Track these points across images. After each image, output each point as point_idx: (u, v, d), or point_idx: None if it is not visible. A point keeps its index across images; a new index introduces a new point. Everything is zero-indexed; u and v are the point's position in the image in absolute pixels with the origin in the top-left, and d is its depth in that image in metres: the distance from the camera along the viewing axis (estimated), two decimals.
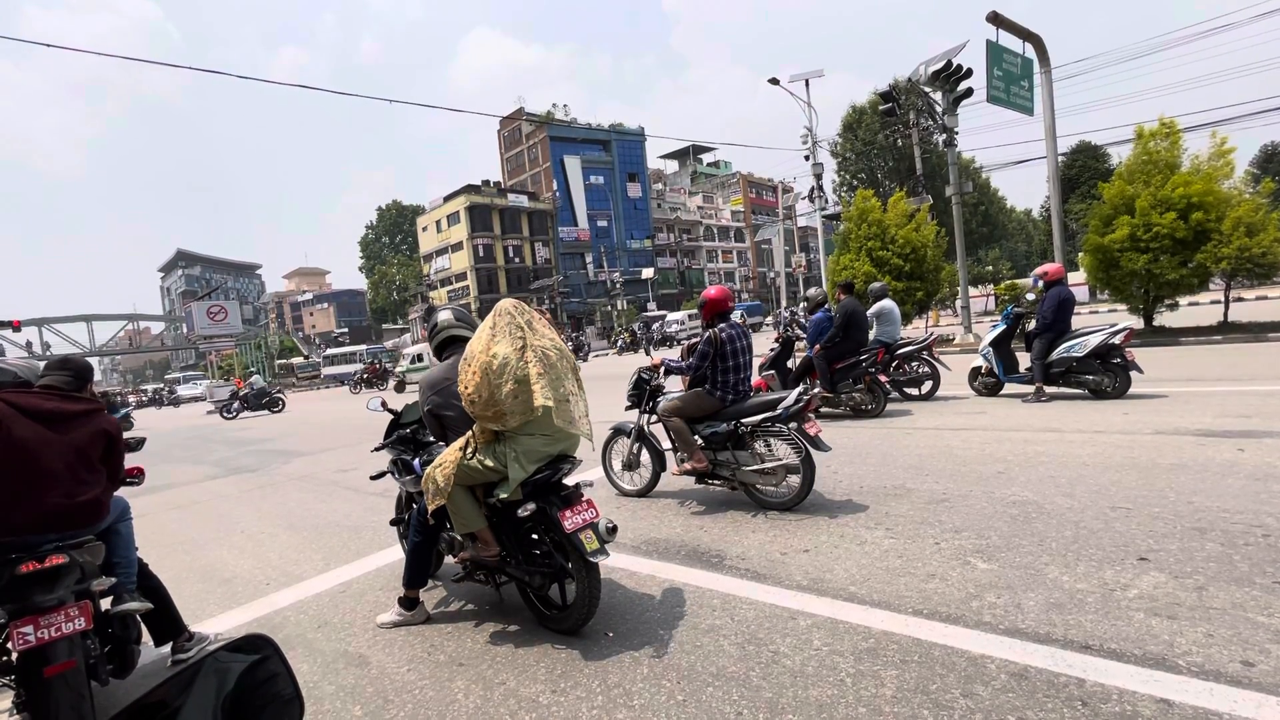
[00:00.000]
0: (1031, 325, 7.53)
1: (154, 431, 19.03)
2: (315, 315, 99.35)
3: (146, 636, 3.08)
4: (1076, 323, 7.55)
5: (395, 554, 4.39)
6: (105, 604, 2.83)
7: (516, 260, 60.33)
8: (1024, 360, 7.78)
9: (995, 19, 13.97)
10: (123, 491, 3.14)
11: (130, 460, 3.17)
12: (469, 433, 3.06)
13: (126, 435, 3.14)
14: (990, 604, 2.79)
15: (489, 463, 2.92)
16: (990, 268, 42.77)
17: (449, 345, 3.43)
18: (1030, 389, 7.51)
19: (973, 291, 25.05)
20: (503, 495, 2.91)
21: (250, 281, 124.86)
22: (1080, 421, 6.13)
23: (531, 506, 2.88)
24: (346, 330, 74.43)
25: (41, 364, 3.13)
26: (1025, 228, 71.34)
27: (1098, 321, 8.11)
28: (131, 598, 2.88)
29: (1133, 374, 6.97)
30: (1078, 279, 20.81)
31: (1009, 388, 7.99)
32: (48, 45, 10.22)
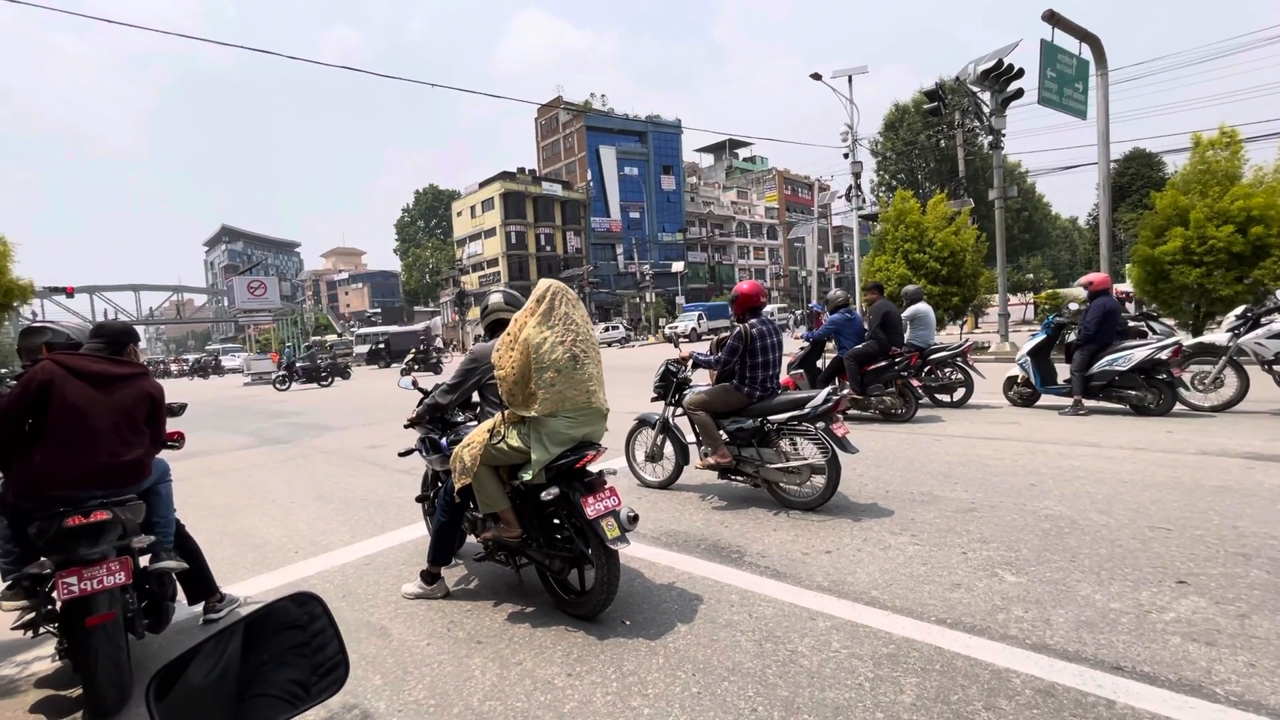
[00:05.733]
0: (1072, 336, 7.30)
1: (192, 400, 19.70)
2: (350, 294, 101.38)
3: (181, 595, 3.19)
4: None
5: (419, 530, 4.47)
6: (144, 561, 2.94)
7: (548, 248, 60.63)
8: (1063, 371, 7.55)
9: (1051, 18, 13.48)
10: (163, 455, 3.25)
11: (171, 425, 3.27)
12: (497, 415, 3.09)
13: (169, 401, 3.25)
14: (1017, 617, 2.72)
15: (515, 444, 2.94)
16: (1031, 275, 41.54)
17: (498, 327, 3.47)
18: (1068, 401, 7.29)
19: (1011, 299, 24.36)
20: (526, 477, 2.94)
21: (289, 259, 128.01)
22: (1120, 437, 5.93)
23: (555, 490, 2.90)
24: (379, 310, 75.81)
25: (91, 326, 3.25)
26: (1070, 236, 69.14)
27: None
28: (169, 556, 2.98)
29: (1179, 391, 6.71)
30: (1123, 290, 20.11)
31: (1045, 399, 7.77)
32: (107, 21, 10.56)
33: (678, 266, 57.70)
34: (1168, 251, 11.89)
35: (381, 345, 37.92)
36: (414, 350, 24.92)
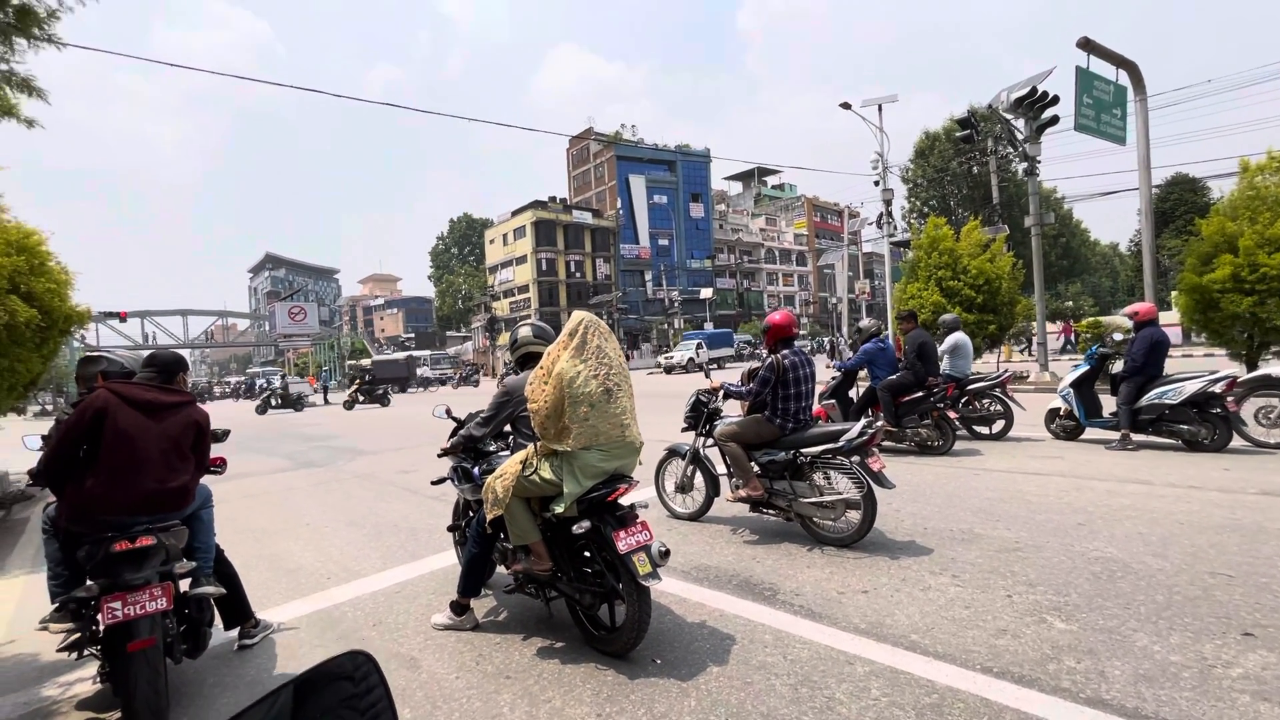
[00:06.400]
0: (1118, 366, 7.04)
1: (232, 422, 20.27)
2: (385, 319, 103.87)
3: (217, 619, 3.24)
4: (1169, 367, 7.00)
5: (449, 558, 4.48)
6: (184, 585, 3.00)
7: (578, 275, 61.40)
8: (1108, 403, 7.28)
9: (1087, 45, 13.34)
10: (205, 480, 3.33)
11: (214, 450, 3.37)
12: (530, 447, 3.10)
13: (213, 427, 3.34)
14: (1069, 668, 2.58)
15: (547, 476, 2.94)
16: (1070, 303, 40.45)
17: (529, 359, 3.50)
18: (1114, 435, 7.01)
19: (1049, 327, 23.71)
20: (558, 510, 2.93)
21: (328, 285, 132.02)
22: (1172, 475, 5.66)
23: (586, 524, 2.88)
24: (413, 335, 77.45)
25: (145, 354, 3.38)
26: (1110, 262, 67.33)
27: (1191, 366, 7.51)
28: (208, 582, 3.04)
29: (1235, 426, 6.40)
30: (1170, 318, 19.40)
31: (1090, 432, 7.48)
32: (170, 64, 11.22)
33: (706, 293, 57.78)
34: (1216, 280, 11.44)
35: (368, 375, 39.40)
36: (357, 380, 23.83)
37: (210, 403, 42.97)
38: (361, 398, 23.08)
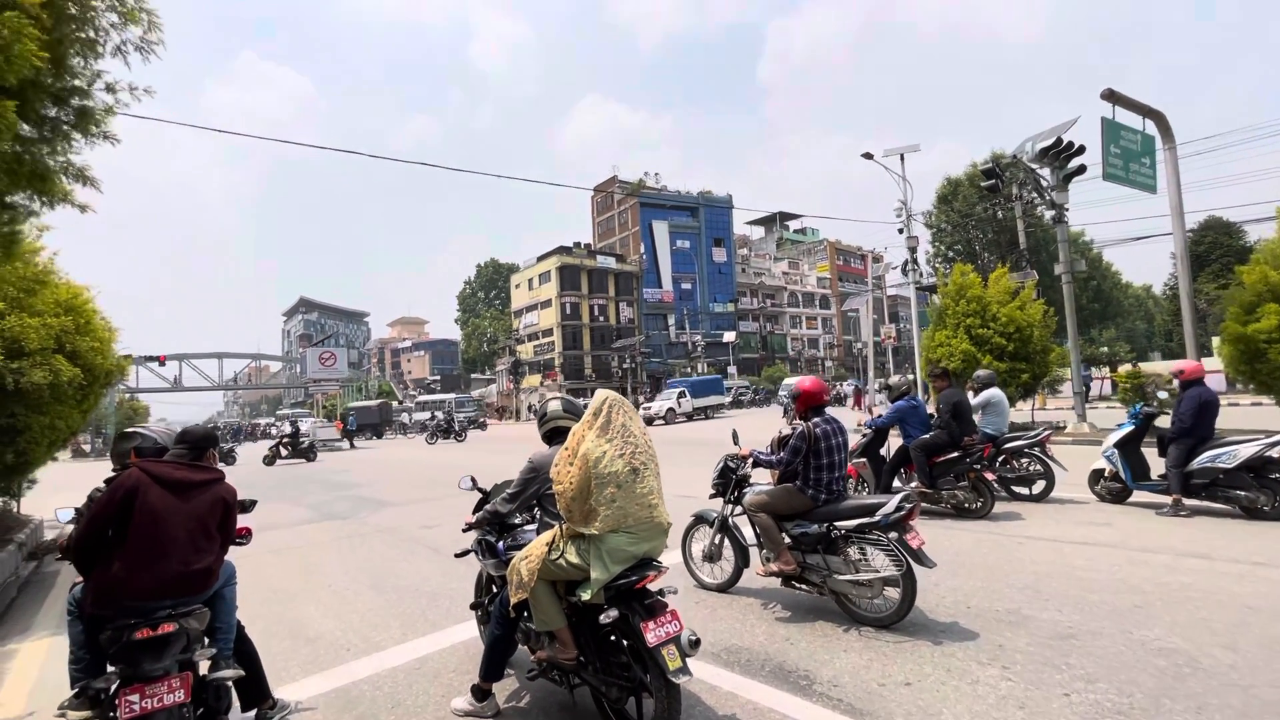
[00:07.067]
0: (1161, 419, 6.70)
1: (262, 469, 20.52)
2: (412, 362, 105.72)
3: (235, 701, 3.16)
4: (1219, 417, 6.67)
5: (470, 629, 4.35)
6: (204, 666, 2.94)
7: (601, 319, 62.04)
8: (1154, 462, 6.95)
9: (1111, 96, 13.35)
10: (231, 552, 3.31)
11: (241, 520, 3.36)
12: (556, 528, 3.02)
13: (240, 498, 3.34)
14: None
15: (574, 561, 2.85)
16: (1105, 348, 39.43)
17: (556, 435, 3.46)
18: (1164, 499, 6.66)
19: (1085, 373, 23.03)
20: (585, 596, 2.82)
21: (358, 328, 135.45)
22: (1234, 548, 5.32)
23: (614, 613, 2.77)
24: (439, 378, 78.51)
25: (179, 428, 3.42)
26: (1144, 304, 65.90)
27: (1238, 415, 7.15)
28: (227, 665, 2.97)
29: None
30: (1213, 364, 18.71)
31: (1138, 495, 7.13)
32: (219, 130, 11.87)
33: (729, 337, 57.89)
34: (1262, 330, 11.06)
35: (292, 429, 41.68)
36: (279, 439, 22.94)
37: (246, 442, 44.11)
38: (284, 452, 21.85)
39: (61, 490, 3.59)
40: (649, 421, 31.54)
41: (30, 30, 2.69)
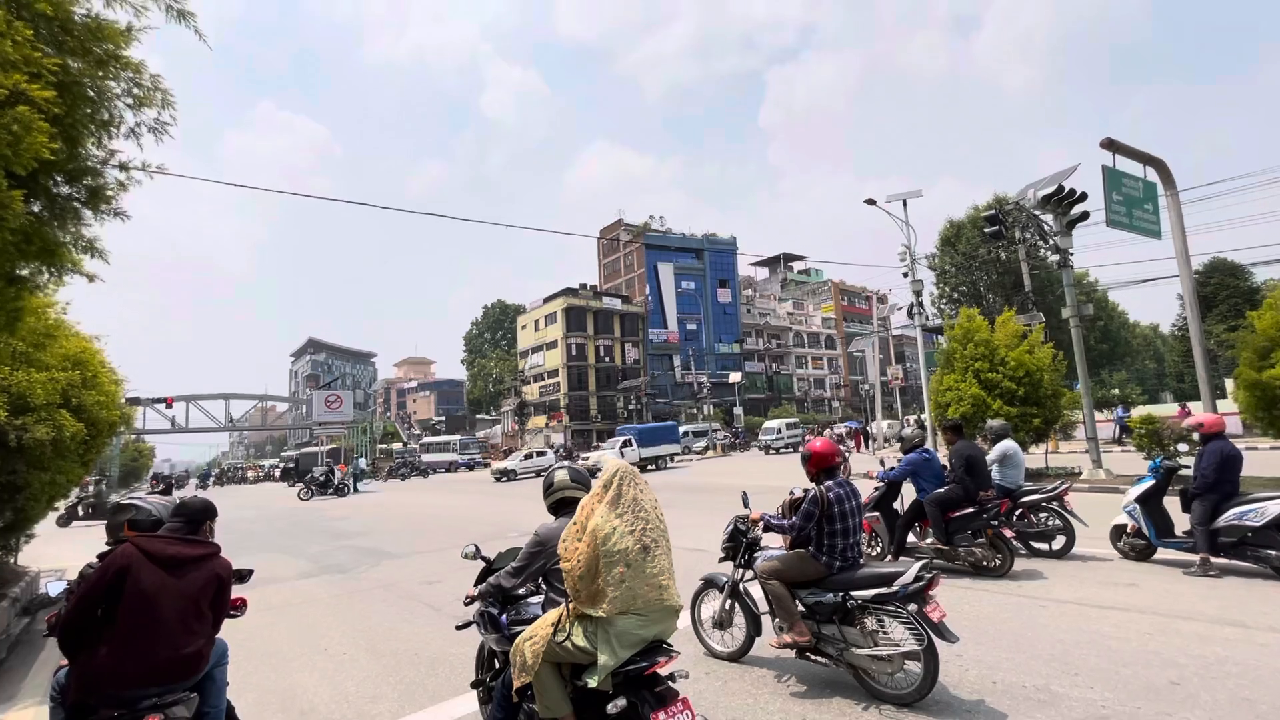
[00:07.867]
0: (1184, 468, 6.49)
1: (264, 513, 20.35)
2: (418, 402, 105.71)
3: None
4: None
5: (469, 704, 4.16)
6: None
7: (607, 360, 62.12)
8: (1177, 516, 6.72)
9: (1110, 145, 13.51)
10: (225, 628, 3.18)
11: (236, 590, 3.24)
12: (562, 606, 2.90)
13: (236, 568, 3.23)
14: None
15: (580, 644, 2.72)
16: (1116, 390, 39.01)
17: (563, 506, 3.36)
18: (1190, 556, 6.42)
19: (1097, 416, 22.69)
20: (591, 683, 2.67)
21: (365, 368, 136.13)
22: (1271, 614, 5.07)
23: (622, 702, 2.62)
24: (444, 419, 78.36)
25: (179, 496, 3.34)
26: (1153, 344, 65.53)
27: (1259, 460, 6.95)
28: None
29: None
30: (1227, 407, 18.38)
31: (1163, 552, 6.87)
32: (235, 185, 12.14)
33: (735, 377, 57.63)
34: (1277, 376, 10.90)
35: (292, 465, 42.91)
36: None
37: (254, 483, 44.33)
38: (82, 513, 19.52)
39: (53, 541, 3.48)
40: (591, 473, 29.99)
41: (41, 124, 2.75)
